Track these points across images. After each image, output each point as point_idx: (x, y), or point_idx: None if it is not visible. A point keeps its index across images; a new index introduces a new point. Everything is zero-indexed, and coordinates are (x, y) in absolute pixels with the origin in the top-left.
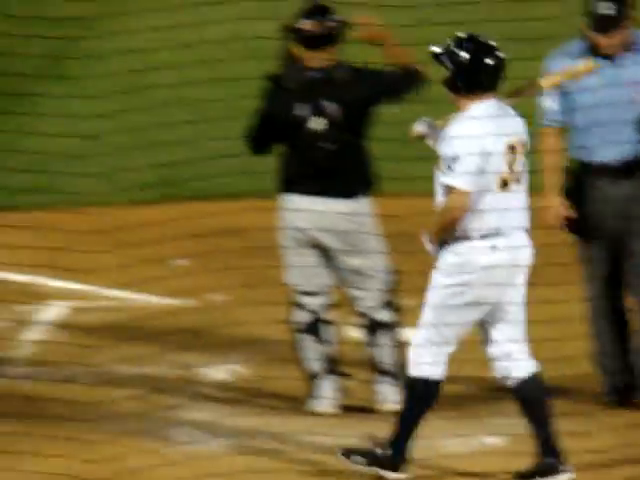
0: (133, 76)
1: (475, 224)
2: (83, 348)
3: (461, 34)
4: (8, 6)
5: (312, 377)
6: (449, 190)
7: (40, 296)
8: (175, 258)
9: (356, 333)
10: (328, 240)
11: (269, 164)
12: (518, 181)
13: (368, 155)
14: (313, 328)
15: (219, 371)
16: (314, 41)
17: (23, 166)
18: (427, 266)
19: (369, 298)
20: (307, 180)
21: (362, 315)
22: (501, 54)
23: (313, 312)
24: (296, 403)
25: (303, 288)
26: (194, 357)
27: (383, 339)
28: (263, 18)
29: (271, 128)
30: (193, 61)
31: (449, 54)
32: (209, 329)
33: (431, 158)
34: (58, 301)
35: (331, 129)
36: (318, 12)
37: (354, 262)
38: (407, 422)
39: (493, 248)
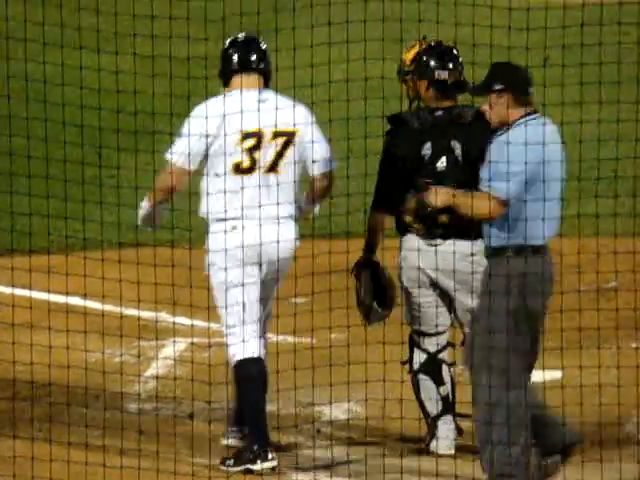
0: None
1: (212, 206)
2: (203, 384)
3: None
4: (133, 45)
5: (430, 418)
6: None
7: (162, 332)
8: (294, 296)
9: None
10: (447, 281)
11: None
12: (273, 169)
13: None
14: (431, 369)
15: (338, 410)
16: (448, 89)
17: None
18: (551, 309)
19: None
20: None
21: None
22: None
23: (430, 353)
24: (415, 443)
25: (422, 328)
26: (312, 395)
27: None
28: (387, 58)
29: (396, 168)
30: (319, 100)
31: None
32: (327, 367)
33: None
34: (180, 337)
35: (455, 168)
36: (447, 57)
37: (472, 302)
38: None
39: (234, 229)
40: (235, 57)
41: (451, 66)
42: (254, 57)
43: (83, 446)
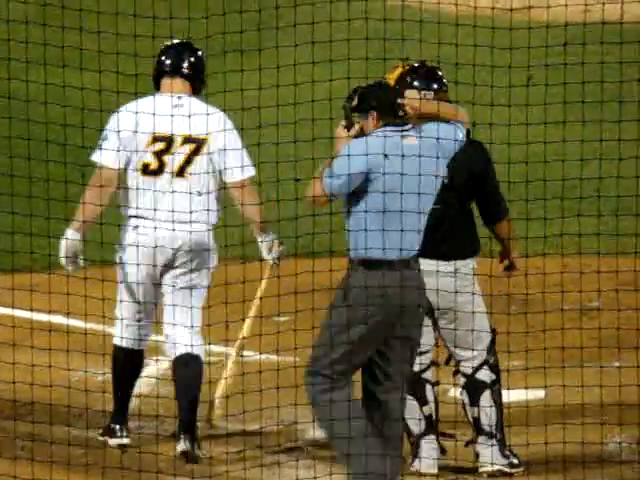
0: (239, 134)
1: (123, 202)
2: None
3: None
4: (116, 63)
5: (414, 437)
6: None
7: (146, 351)
8: (277, 314)
9: (455, 393)
10: (433, 300)
11: None
12: (180, 175)
13: (472, 218)
14: (415, 388)
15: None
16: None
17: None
18: (530, 327)
19: (471, 358)
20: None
21: (463, 375)
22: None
23: (415, 372)
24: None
25: None
26: (295, 414)
27: (483, 400)
28: (371, 77)
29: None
30: (303, 119)
31: None
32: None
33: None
34: (162, 356)
35: (441, 191)
36: (431, 78)
37: (455, 322)
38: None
39: (135, 228)
40: (162, 61)
41: (436, 86)
42: (179, 62)
43: (66, 465)
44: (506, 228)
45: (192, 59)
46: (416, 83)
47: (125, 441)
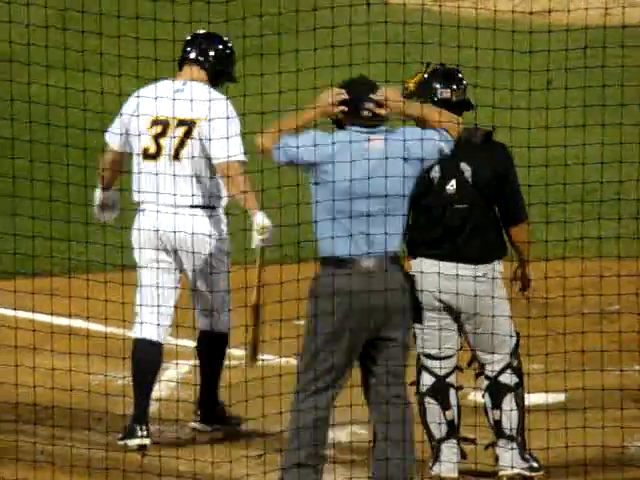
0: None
1: (132, 187)
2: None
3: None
4: (136, 68)
5: (435, 441)
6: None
7: (165, 354)
8: (296, 318)
9: (477, 396)
10: (459, 304)
11: None
12: (176, 157)
13: (497, 221)
14: (438, 392)
15: (339, 432)
16: (452, 108)
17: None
18: (550, 331)
19: (495, 362)
20: (439, 244)
21: (486, 378)
22: None
23: (439, 376)
24: (420, 467)
25: (431, 352)
26: None
27: (506, 403)
28: (391, 81)
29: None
30: (321, 123)
31: None
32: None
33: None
34: (182, 360)
35: (465, 191)
36: (450, 77)
37: (481, 326)
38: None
39: (140, 212)
40: (184, 48)
41: (454, 86)
42: (196, 51)
43: (86, 469)
44: (525, 232)
45: (209, 49)
46: (434, 83)
47: (146, 442)
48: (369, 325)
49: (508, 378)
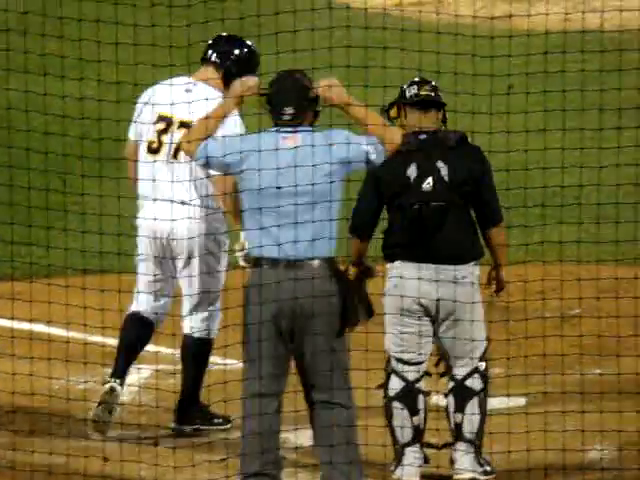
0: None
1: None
2: (168, 412)
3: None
4: (97, 71)
5: (399, 445)
6: None
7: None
8: None
9: (437, 399)
10: (439, 308)
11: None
12: (175, 156)
13: (473, 222)
14: (407, 397)
15: (301, 436)
16: (427, 104)
17: (112, 230)
18: (512, 335)
19: (464, 365)
20: (416, 245)
21: (452, 380)
22: None
23: (408, 381)
24: (381, 470)
25: (404, 357)
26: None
27: (469, 407)
28: (353, 85)
29: (380, 190)
30: None
31: None
32: (292, 394)
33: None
34: (144, 364)
35: (442, 189)
36: (418, 79)
37: (458, 331)
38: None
39: (142, 203)
40: (206, 49)
41: (422, 83)
42: (213, 52)
43: (47, 473)
44: (502, 234)
45: (228, 52)
46: (404, 86)
47: (115, 386)
48: (292, 331)
49: (474, 383)
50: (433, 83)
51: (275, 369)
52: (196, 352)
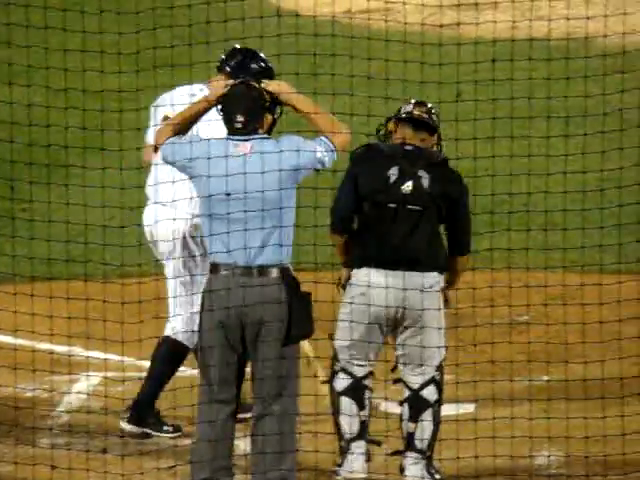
0: None
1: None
2: (116, 419)
3: None
4: (46, 78)
5: (344, 441)
6: None
7: (75, 366)
8: None
9: (386, 406)
10: (406, 316)
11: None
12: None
13: (442, 238)
14: (355, 392)
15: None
16: (419, 123)
17: (60, 236)
18: (460, 341)
19: (420, 374)
20: (385, 251)
21: (408, 388)
22: None
23: (356, 377)
24: (326, 467)
25: (354, 359)
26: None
27: (423, 417)
28: (302, 92)
29: (357, 189)
30: None
31: None
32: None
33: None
34: (93, 372)
35: (422, 193)
36: (423, 103)
37: (419, 339)
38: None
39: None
40: (222, 58)
41: (419, 104)
42: (230, 62)
43: None
44: (466, 264)
45: (239, 63)
46: (400, 106)
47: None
48: (243, 338)
49: (429, 393)
50: (431, 107)
51: (226, 376)
52: (170, 355)
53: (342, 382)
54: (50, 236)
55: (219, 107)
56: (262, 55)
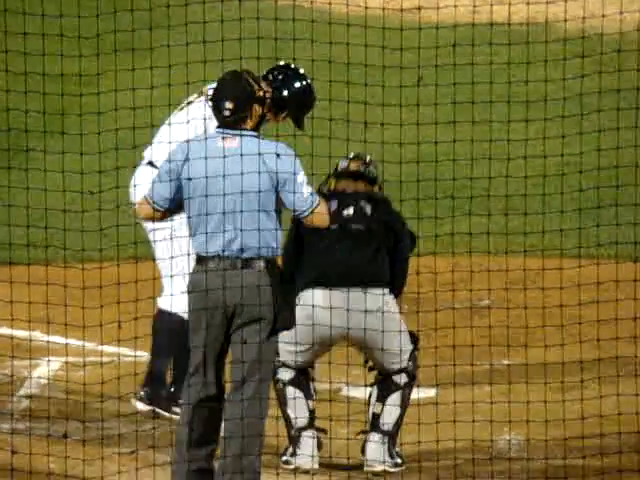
0: (131, 133)
1: None
2: (77, 404)
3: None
4: (5, 62)
5: (295, 430)
6: None
7: (35, 351)
8: None
9: (348, 391)
10: (350, 338)
11: None
12: None
13: (386, 257)
14: (300, 382)
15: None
16: (357, 176)
17: (20, 221)
18: (422, 326)
19: (393, 364)
20: (329, 271)
21: (379, 374)
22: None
23: (298, 369)
24: (276, 458)
25: (297, 361)
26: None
27: (391, 399)
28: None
29: (301, 231)
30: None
31: None
32: None
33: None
34: (53, 357)
35: (363, 216)
36: (358, 156)
37: (375, 353)
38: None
39: None
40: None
41: (354, 157)
42: (272, 72)
43: None
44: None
45: (284, 76)
46: (340, 163)
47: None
48: (221, 324)
49: (401, 378)
50: (368, 159)
51: (205, 360)
52: (168, 327)
53: (285, 374)
54: (10, 221)
55: (209, 97)
56: (308, 79)
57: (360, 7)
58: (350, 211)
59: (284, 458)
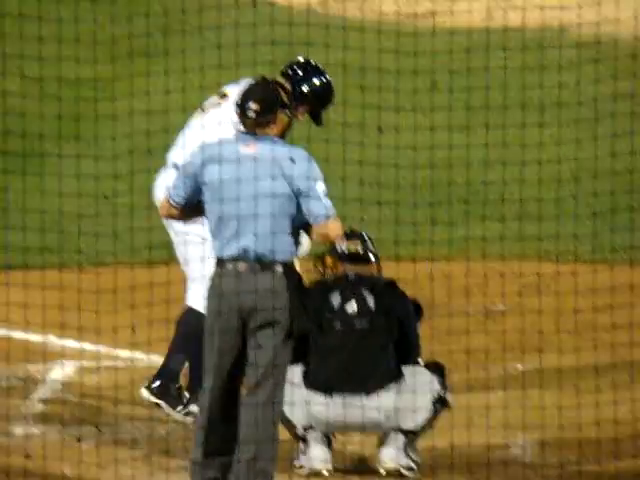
0: (146, 137)
1: None
2: (91, 408)
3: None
4: (22, 67)
5: (299, 430)
6: None
7: (50, 355)
8: None
9: None
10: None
11: None
12: None
13: (392, 352)
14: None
15: None
16: (355, 258)
17: (36, 225)
18: (438, 331)
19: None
20: (330, 373)
21: None
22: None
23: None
24: (286, 463)
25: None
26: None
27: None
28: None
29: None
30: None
31: None
32: None
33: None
34: (68, 360)
35: (365, 311)
36: (354, 234)
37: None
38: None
39: None
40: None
41: (350, 232)
42: (291, 67)
43: None
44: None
45: (305, 73)
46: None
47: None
48: (237, 327)
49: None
50: (364, 238)
51: (219, 362)
52: (188, 323)
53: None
54: (25, 225)
55: (236, 102)
56: (328, 77)
57: (374, 12)
58: (354, 307)
59: (296, 462)
